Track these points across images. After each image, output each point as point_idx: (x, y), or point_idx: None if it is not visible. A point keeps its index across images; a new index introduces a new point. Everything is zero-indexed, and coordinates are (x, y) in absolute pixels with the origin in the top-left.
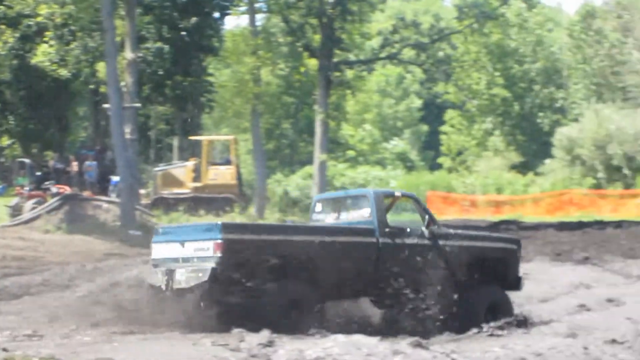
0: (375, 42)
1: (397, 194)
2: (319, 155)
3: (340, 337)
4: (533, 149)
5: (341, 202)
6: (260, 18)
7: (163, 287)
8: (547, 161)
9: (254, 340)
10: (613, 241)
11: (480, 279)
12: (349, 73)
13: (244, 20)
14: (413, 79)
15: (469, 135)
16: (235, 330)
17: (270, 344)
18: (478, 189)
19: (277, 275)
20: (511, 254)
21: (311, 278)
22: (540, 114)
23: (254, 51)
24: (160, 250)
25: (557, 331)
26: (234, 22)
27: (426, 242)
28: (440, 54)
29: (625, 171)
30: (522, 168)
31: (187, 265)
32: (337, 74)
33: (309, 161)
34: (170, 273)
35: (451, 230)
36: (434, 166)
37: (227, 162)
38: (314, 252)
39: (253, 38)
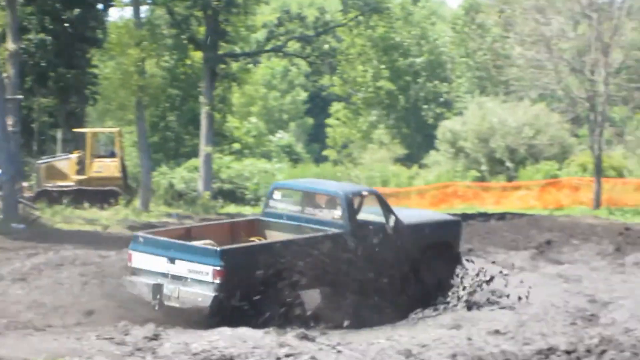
0: (260, 35)
1: (364, 193)
2: (204, 148)
3: (227, 330)
4: (418, 142)
5: (308, 196)
6: (144, 10)
7: (152, 302)
8: (432, 154)
9: (139, 333)
10: (496, 233)
11: (433, 261)
12: (234, 66)
13: (128, 11)
14: (298, 71)
15: (355, 127)
16: (121, 324)
17: (155, 337)
18: (363, 182)
19: (271, 290)
20: (457, 234)
21: (302, 286)
22: (425, 107)
23: (138, 43)
24: (142, 260)
25: (441, 322)
26: (119, 14)
27: (390, 236)
28: (326, 46)
29: (508, 164)
30: (406, 161)
31: (179, 284)
32: (223, 66)
33: (194, 154)
34: (157, 287)
35: (408, 222)
36: (320, 159)
37: (112, 155)
38: (303, 264)
39: (137, 30)
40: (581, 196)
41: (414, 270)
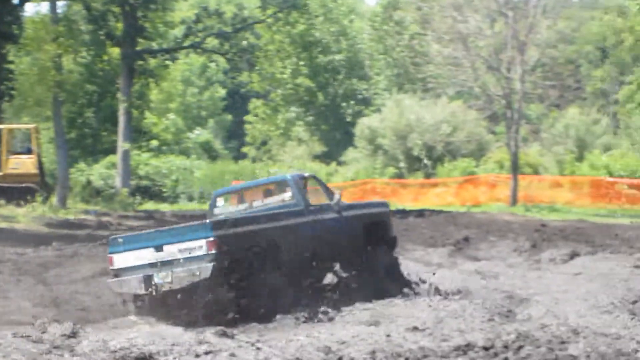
0: (178, 31)
1: (306, 174)
2: (122, 145)
3: (145, 327)
4: (337, 139)
5: (252, 191)
6: (61, 5)
7: (147, 292)
8: (350, 151)
9: (57, 331)
10: (414, 230)
11: (373, 242)
12: (152, 62)
13: (45, 7)
14: (217, 68)
15: (274, 124)
16: (38, 321)
17: (74, 334)
18: None
19: (261, 263)
20: (388, 216)
21: (283, 260)
22: (344, 104)
23: (54, 39)
24: (123, 259)
25: (360, 319)
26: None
27: (336, 215)
28: (244, 43)
29: (426, 161)
30: (325, 157)
31: (170, 267)
32: (140, 62)
33: (112, 150)
34: (148, 278)
35: (346, 203)
36: (239, 156)
37: (28, 151)
38: (285, 236)
39: (54, 25)
40: (498, 193)
41: (359, 247)
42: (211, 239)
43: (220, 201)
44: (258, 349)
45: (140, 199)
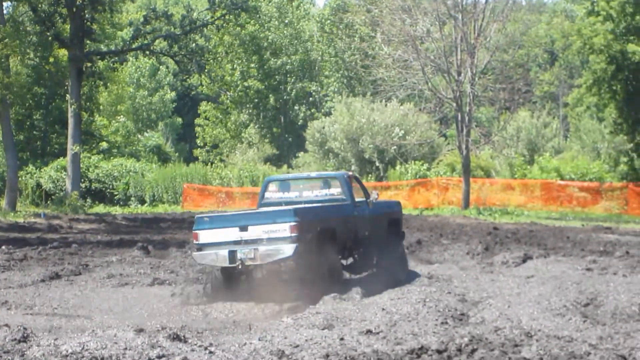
0: (127, 33)
1: (350, 174)
2: (71, 147)
3: (98, 332)
4: (288, 142)
5: (302, 182)
6: (7, 6)
7: (233, 265)
8: (300, 154)
9: (6, 335)
10: None
11: (392, 234)
12: (101, 64)
13: None
14: (167, 71)
15: (224, 127)
16: None
17: (24, 339)
18: (234, 181)
19: (324, 246)
20: (401, 214)
21: (337, 245)
22: (295, 107)
23: (0, 40)
24: (208, 235)
25: (313, 322)
26: None
27: (371, 210)
28: (193, 45)
29: (378, 164)
30: (276, 160)
31: (254, 246)
32: (89, 64)
33: (62, 153)
34: (233, 253)
35: (374, 201)
36: (189, 158)
37: None
38: (340, 225)
39: (0, 27)
40: (450, 196)
41: (386, 239)
42: (294, 223)
43: (271, 187)
44: (211, 352)
45: (90, 202)
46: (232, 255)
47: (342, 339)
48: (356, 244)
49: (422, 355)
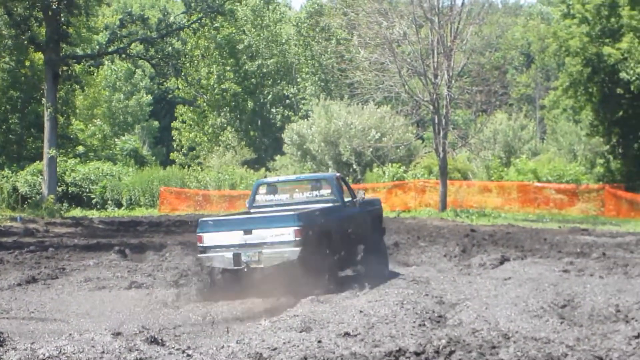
0: (102, 37)
1: (338, 175)
2: (48, 151)
3: (75, 335)
4: (266, 145)
5: (292, 184)
6: None
7: (237, 267)
8: (278, 157)
9: None
10: None
11: (377, 231)
12: (77, 68)
13: None
14: (143, 74)
15: (201, 130)
16: None
17: (0, 343)
18: (211, 185)
19: (322, 247)
20: (382, 209)
21: (333, 245)
22: (273, 110)
23: None
24: (212, 238)
25: (291, 325)
26: None
27: (358, 209)
28: (169, 48)
29: (355, 166)
30: (254, 163)
31: (258, 249)
32: (65, 68)
33: (38, 157)
34: (237, 256)
35: (360, 200)
36: (166, 162)
37: None
38: (334, 225)
39: None
40: (427, 198)
41: (369, 237)
42: (297, 227)
43: (262, 189)
44: (189, 356)
45: (67, 206)
46: (236, 257)
47: (319, 341)
48: (345, 242)
49: (399, 357)
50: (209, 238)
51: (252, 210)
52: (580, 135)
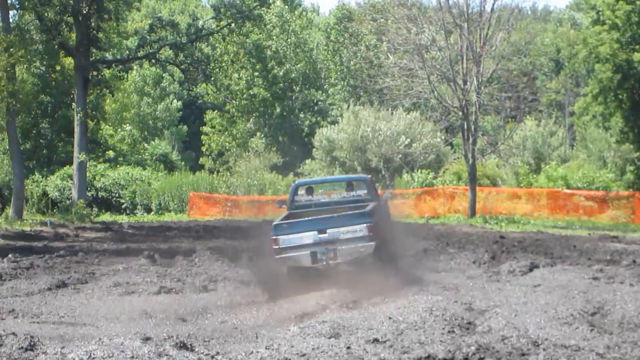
0: (132, 42)
1: (368, 177)
2: (78, 156)
3: (104, 340)
4: (294, 150)
5: (329, 185)
6: (13, 14)
7: (315, 265)
8: (308, 161)
9: (14, 343)
10: None
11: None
12: (107, 72)
13: None
14: (171, 79)
15: (230, 135)
16: None
17: (31, 347)
18: (240, 190)
19: (387, 240)
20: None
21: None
22: (301, 116)
23: (7, 48)
24: (289, 240)
25: (320, 331)
26: None
27: (385, 206)
28: (199, 54)
29: (384, 172)
30: (283, 169)
31: (334, 246)
32: (95, 73)
33: (68, 161)
34: (314, 254)
35: (389, 198)
36: (195, 167)
37: None
38: (388, 222)
39: (6, 35)
40: (456, 205)
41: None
42: (370, 223)
43: (301, 191)
44: None
45: (97, 211)
46: (314, 256)
47: (348, 347)
48: (392, 237)
49: None
50: (285, 240)
51: (294, 211)
52: (610, 142)
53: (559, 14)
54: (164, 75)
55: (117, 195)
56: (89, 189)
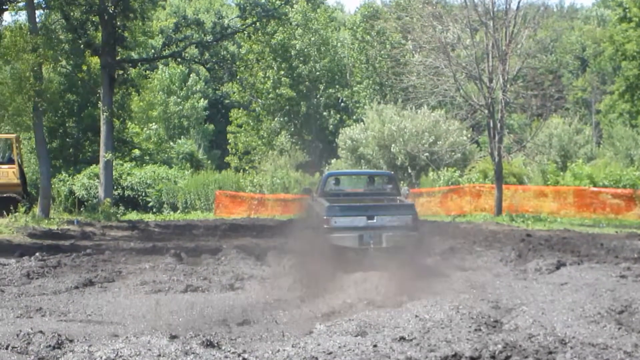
0: (157, 41)
1: (392, 173)
2: (104, 154)
3: (131, 338)
4: (319, 149)
5: (358, 177)
6: (39, 14)
7: (362, 247)
8: (333, 161)
9: (41, 342)
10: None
11: None
12: (133, 71)
13: (23, 16)
14: (197, 78)
15: (256, 134)
16: (23, 332)
17: (59, 345)
18: (266, 188)
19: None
20: None
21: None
22: (326, 114)
23: (33, 48)
24: (340, 221)
25: (346, 329)
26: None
27: (405, 199)
28: (224, 52)
29: (409, 171)
30: (308, 167)
31: (380, 232)
32: (120, 72)
33: (94, 160)
34: (361, 237)
35: (406, 194)
36: (221, 165)
37: (10, 161)
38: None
39: (32, 34)
40: (483, 203)
41: None
42: (413, 215)
43: (331, 180)
44: (244, 359)
45: (123, 209)
46: (361, 238)
47: (375, 345)
48: None
49: None
50: (336, 221)
51: (319, 198)
52: (637, 140)
53: (586, 12)
54: (190, 74)
55: (143, 193)
56: (115, 187)
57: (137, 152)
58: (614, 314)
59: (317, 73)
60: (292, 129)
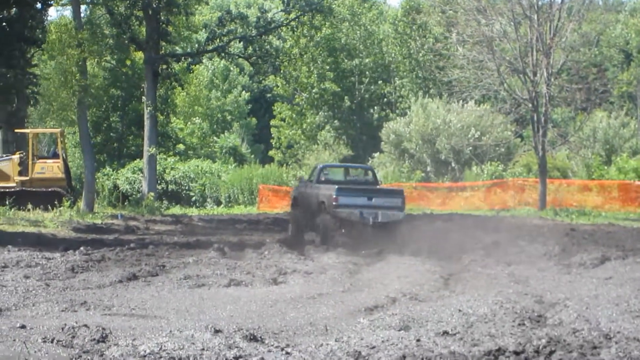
0: (201, 35)
1: (372, 167)
2: (148, 149)
3: (175, 332)
4: (363, 143)
5: (348, 170)
6: (84, 9)
7: (361, 221)
8: (376, 155)
9: (86, 335)
10: (443, 234)
11: None
12: (177, 66)
13: (69, 11)
14: (239, 72)
15: (300, 128)
16: (68, 325)
17: (103, 339)
18: None
19: None
20: None
21: None
22: (370, 108)
23: (78, 43)
24: (345, 200)
25: (389, 324)
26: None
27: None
28: (268, 46)
29: (453, 165)
30: (352, 161)
31: (376, 210)
32: (164, 66)
33: (138, 155)
34: (362, 213)
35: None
36: (265, 159)
37: (55, 156)
38: None
39: (77, 30)
40: (526, 197)
41: None
42: (402, 198)
43: (325, 170)
44: (288, 354)
45: (167, 204)
46: (361, 214)
47: (418, 340)
48: None
49: (499, 356)
50: (343, 199)
51: (316, 184)
52: None
53: (633, 4)
54: (231, 68)
55: (186, 188)
56: (159, 182)
57: (180, 146)
58: None
59: (362, 67)
60: (336, 124)
